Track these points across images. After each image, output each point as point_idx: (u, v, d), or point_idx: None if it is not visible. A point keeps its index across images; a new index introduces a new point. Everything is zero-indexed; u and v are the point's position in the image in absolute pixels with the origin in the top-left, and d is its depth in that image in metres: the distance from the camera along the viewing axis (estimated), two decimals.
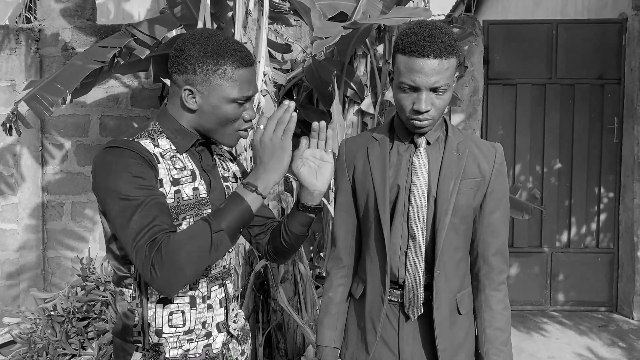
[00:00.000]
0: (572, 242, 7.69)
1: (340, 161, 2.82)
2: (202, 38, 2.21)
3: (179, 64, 2.21)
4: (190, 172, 2.25)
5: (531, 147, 7.60)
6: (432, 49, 2.42)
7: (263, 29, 4.68)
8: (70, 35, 7.05)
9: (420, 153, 2.64)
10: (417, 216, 2.61)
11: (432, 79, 2.44)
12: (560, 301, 7.75)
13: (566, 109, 7.55)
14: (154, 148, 2.18)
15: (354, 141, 2.84)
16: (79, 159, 7.12)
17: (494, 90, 7.54)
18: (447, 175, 2.62)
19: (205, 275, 2.30)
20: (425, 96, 2.47)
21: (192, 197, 2.22)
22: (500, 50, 7.50)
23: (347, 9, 5.65)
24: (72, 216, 7.21)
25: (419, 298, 2.62)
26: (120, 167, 2.04)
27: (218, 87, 2.19)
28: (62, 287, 7.18)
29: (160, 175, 2.14)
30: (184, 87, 2.21)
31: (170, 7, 5.21)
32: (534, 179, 7.63)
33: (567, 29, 7.51)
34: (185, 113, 2.27)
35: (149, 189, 2.06)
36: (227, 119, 2.25)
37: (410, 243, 2.62)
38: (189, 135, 2.29)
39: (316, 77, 6.22)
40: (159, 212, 2.04)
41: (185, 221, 2.18)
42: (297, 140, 7.30)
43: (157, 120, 2.30)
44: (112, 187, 2.04)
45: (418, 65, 2.43)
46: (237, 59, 2.20)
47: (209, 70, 2.18)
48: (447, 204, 2.60)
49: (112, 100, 7.07)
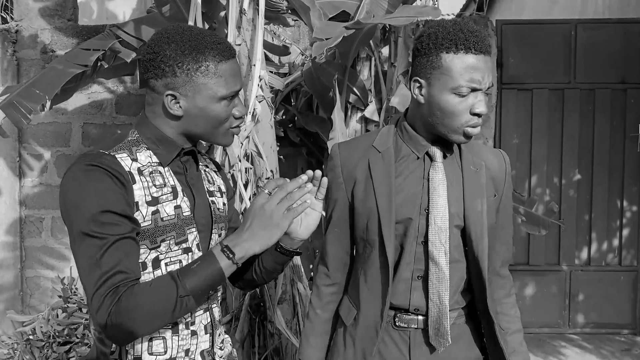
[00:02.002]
0: (593, 260, 7.67)
1: (335, 172, 2.73)
2: (176, 35, 2.16)
3: (155, 67, 2.15)
4: (171, 189, 2.21)
5: (548, 157, 7.58)
6: (480, 44, 2.37)
7: (259, 30, 4.68)
8: (50, 36, 7.04)
9: (437, 167, 2.58)
10: (438, 239, 2.54)
11: (488, 77, 2.40)
12: (580, 323, 7.73)
13: (586, 115, 7.54)
14: (131, 163, 2.14)
15: (350, 148, 2.75)
16: (60, 170, 7.10)
17: (507, 95, 7.53)
18: (472, 194, 2.57)
19: None
20: (483, 97, 2.42)
21: (173, 217, 2.18)
22: (514, 53, 7.50)
23: (350, 7, 5.64)
24: (52, 232, 7.18)
25: (446, 329, 2.58)
26: (87, 193, 2.01)
27: (203, 87, 2.15)
28: (41, 309, 7.14)
29: (135, 197, 2.10)
30: (166, 92, 2.16)
31: (158, 6, 5.20)
32: (552, 192, 7.61)
33: (587, 30, 7.51)
34: (170, 121, 2.22)
35: (117, 224, 2.02)
36: (219, 120, 2.22)
37: (432, 269, 2.55)
38: (173, 145, 2.25)
39: (316, 82, 6.21)
40: (125, 254, 2.02)
41: (164, 243, 2.16)
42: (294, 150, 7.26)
43: (136, 129, 2.26)
44: (76, 219, 2.01)
45: (474, 63, 2.38)
46: (218, 53, 2.16)
47: (190, 70, 2.13)
48: (481, 227, 2.56)
49: (96, 107, 7.05)
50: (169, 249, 2.17)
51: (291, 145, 7.07)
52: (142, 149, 2.20)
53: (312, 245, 6.75)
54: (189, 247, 2.24)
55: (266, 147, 4.80)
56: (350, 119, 6.30)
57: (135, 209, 2.09)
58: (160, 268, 2.16)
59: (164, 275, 2.05)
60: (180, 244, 2.20)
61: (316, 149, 6.95)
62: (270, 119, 4.88)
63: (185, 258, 2.22)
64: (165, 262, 2.17)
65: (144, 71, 2.19)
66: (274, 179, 2.19)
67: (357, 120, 6.30)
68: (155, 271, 2.15)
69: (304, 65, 6.70)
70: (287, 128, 6.93)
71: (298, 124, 6.89)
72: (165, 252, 2.17)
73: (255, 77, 4.62)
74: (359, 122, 6.30)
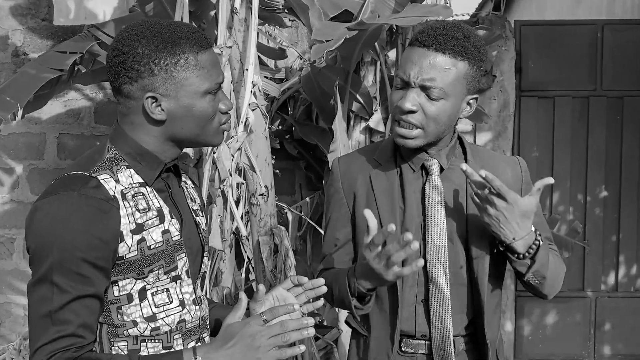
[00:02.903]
0: (621, 285, 7.65)
1: (335, 187, 2.76)
2: (145, 30, 2.12)
3: (128, 70, 2.10)
4: (156, 212, 2.17)
5: (572, 171, 7.57)
6: (436, 40, 2.40)
7: (252, 31, 4.68)
8: (22, 38, 7.04)
9: (433, 181, 2.60)
10: (436, 259, 2.57)
11: (425, 73, 2.40)
12: (607, 355, 7.70)
13: (613, 125, 7.52)
14: (115, 186, 2.10)
15: (351, 161, 2.78)
16: (33, 185, 7.09)
17: (527, 103, 7.52)
18: (476, 210, 2.57)
19: (179, 330, 2.25)
20: (412, 93, 2.44)
21: (161, 244, 2.15)
22: (534, 57, 7.49)
23: (353, 6, 5.64)
24: (24, 254, 7.16)
25: (450, 355, 2.60)
26: (65, 235, 1.98)
27: (185, 82, 2.12)
28: (12, 339, 7.12)
29: (120, 226, 2.07)
30: (145, 95, 2.11)
31: (141, 4, 5.21)
32: (575, 210, 7.59)
33: (614, 31, 7.50)
34: (153, 128, 2.17)
35: (89, 278, 2.00)
36: (206, 117, 2.18)
37: (432, 291, 2.58)
38: (155, 160, 2.21)
39: (315, 88, 6.20)
40: (85, 315, 2.01)
41: (152, 274, 2.14)
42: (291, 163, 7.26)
43: (112, 145, 2.20)
44: (44, 260, 1.98)
45: (415, 55, 2.43)
46: (195, 43, 2.13)
47: (168, 65, 2.09)
48: (484, 243, 2.57)
49: (73, 115, 7.05)
50: (157, 278, 2.16)
51: (288, 158, 7.05)
52: (122, 167, 2.16)
53: (310, 269, 6.73)
54: (179, 274, 2.23)
55: (260, 160, 4.79)
56: (353, 130, 6.29)
57: (119, 240, 2.07)
58: (146, 299, 2.15)
59: (123, 356, 2.06)
60: (169, 273, 2.19)
61: (315, 162, 6.93)
62: (265, 129, 4.87)
63: (174, 286, 2.21)
64: (152, 292, 2.16)
65: (115, 77, 2.14)
66: (277, 307, 2.14)
67: (360, 130, 6.28)
68: (141, 302, 2.14)
69: (302, 70, 6.70)
70: (283, 139, 6.91)
71: (295, 135, 6.87)
72: (153, 282, 2.16)
73: (248, 83, 4.62)
74: (363, 133, 6.29)
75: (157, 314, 2.17)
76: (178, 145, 2.26)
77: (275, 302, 2.38)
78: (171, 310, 2.20)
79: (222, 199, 4.60)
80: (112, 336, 2.12)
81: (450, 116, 2.51)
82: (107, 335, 2.13)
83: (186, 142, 2.25)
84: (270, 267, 4.80)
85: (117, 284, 2.11)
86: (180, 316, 2.23)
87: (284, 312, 2.13)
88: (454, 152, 2.66)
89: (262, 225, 4.77)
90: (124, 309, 2.12)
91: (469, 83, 2.50)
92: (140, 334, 2.14)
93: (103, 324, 2.11)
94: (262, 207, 4.76)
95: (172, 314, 2.21)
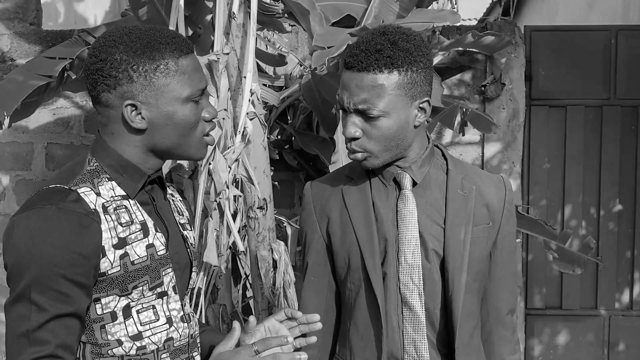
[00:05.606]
0: (635, 304, 7.65)
1: (307, 211, 2.76)
2: (123, 36, 2.13)
3: (105, 77, 2.12)
4: (140, 226, 2.19)
5: (584, 184, 7.56)
6: (359, 59, 2.39)
7: (250, 36, 4.68)
8: (9, 42, 7.04)
9: (406, 197, 2.59)
10: (409, 279, 2.55)
11: (356, 97, 2.41)
12: None
13: (628, 136, 7.53)
14: (96, 199, 2.12)
15: (322, 183, 2.78)
16: (20, 197, 7.09)
17: (537, 112, 7.52)
18: (455, 223, 2.56)
19: (167, 349, 2.26)
20: (351, 119, 2.44)
21: (145, 259, 2.17)
22: (545, 64, 7.49)
23: (355, 11, 5.65)
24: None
25: None
26: (44, 251, 2.00)
27: (165, 88, 2.13)
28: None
29: (102, 240, 2.08)
30: (124, 103, 2.12)
31: (134, 8, 5.22)
32: (588, 224, 7.59)
33: (630, 37, 7.51)
34: (133, 137, 2.18)
35: (69, 296, 2.02)
36: (188, 125, 2.19)
37: (405, 314, 2.56)
38: (138, 172, 2.22)
39: (316, 97, 6.21)
40: (64, 335, 2.03)
41: (136, 290, 2.15)
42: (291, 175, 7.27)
43: (93, 156, 2.22)
44: (22, 278, 2.00)
45: (345, 78, 2.45)
46: (175, 48, 2.14)
47: (147, 71, 2.10)
48: (461, 259, 2.55)
49: (62, 124, 7.05)
50: (141, 295, 2.17)
51: (287, 170, 7.06)
52: (103, 180, 2.18)
53: None
54: (165, 290, 2.23)
55: (258, 172, 4.79)
56: None
57: (101, 255, 2.08)
58: (131, 316, 2.16)
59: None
60: (154, 289, 2.20)
61: (316, 174, 6.91)
62: (263, 139, 4.88)
63: (160, 303, 2.22)
64: (137, 310, 2.17)
65: (93, 86, 2.16)
66: (270, 338, 2.18)
67: None
68: (126, 320, 2.15)
69: (303, 78, 6.69)
70: (282, 150, 6.92)
71: (295, 145, 6.87)
72: (138, 299, 2.17)
73: (245, 91, 4.62)
74: None
75: (142, 332, 2.18)
76: (159, 156, 2.27)
77: (267, 334, 2.38)
78: (158, 328, 2.22)
79: (218, 213, 4.60)
80: (96, 356, 2.13)
81: (399, 130, 2.48)
82: (91, 355, 2.14)
83: (167, 153, 2.25)
84: (268, 283, 4.80)
85: (100, 302, 2.12)
86: (168, 334, 2.24)
87: (277, 345, 2.16)
88: (430, 163, 2.63)
89: (260, 239, 4.77)
90: (108, 328, 2.13)
91: (410, 90, 2.47)
92: (125, 354, 2.16)
93: (86, 343, 2.13)
94: (261, 221, 4.76)
95: (159, 332, 2.22)
